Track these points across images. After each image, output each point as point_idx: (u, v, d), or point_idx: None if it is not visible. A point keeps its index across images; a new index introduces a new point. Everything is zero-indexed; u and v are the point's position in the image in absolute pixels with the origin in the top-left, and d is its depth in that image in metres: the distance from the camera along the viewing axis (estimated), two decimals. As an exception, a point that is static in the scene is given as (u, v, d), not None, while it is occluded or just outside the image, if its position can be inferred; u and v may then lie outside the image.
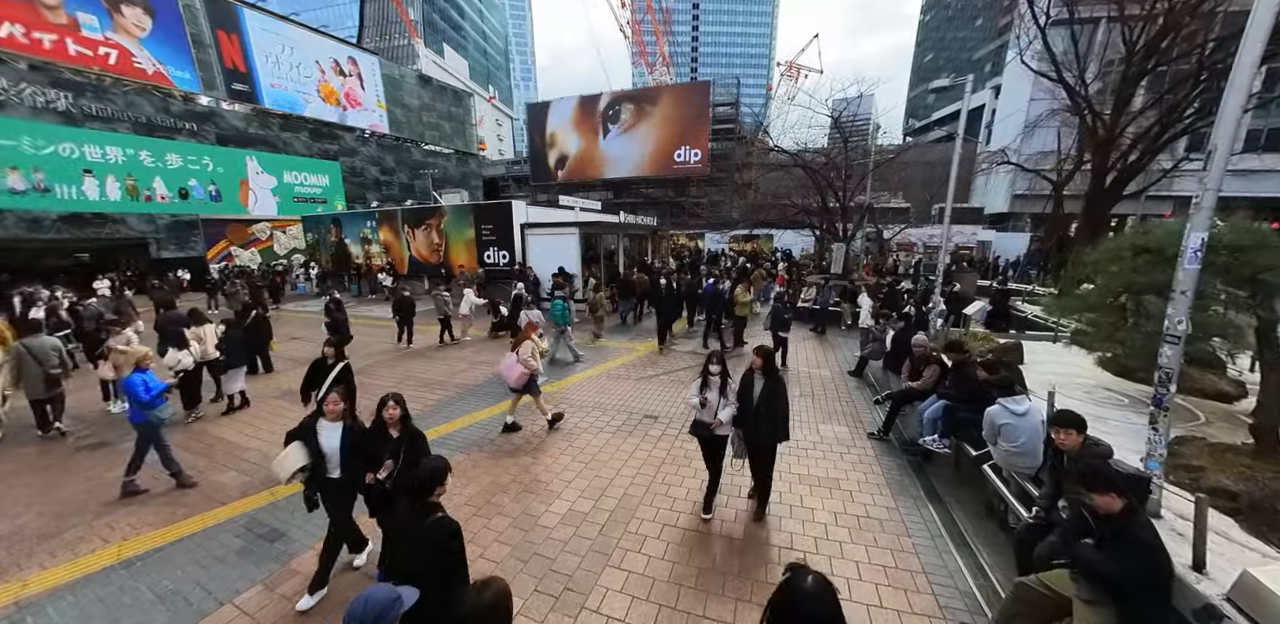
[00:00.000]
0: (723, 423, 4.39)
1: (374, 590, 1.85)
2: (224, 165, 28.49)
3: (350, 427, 3.81)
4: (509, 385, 6.54)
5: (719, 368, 4.54)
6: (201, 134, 27.70)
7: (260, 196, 30.34)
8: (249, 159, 29.60)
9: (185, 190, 26.99)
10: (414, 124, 39.13)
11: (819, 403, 7.69)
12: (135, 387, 5.23)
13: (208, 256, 27.89)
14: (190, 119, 27.24)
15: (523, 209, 18.09)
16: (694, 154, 36.80)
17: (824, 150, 14.62)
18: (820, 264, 20.68)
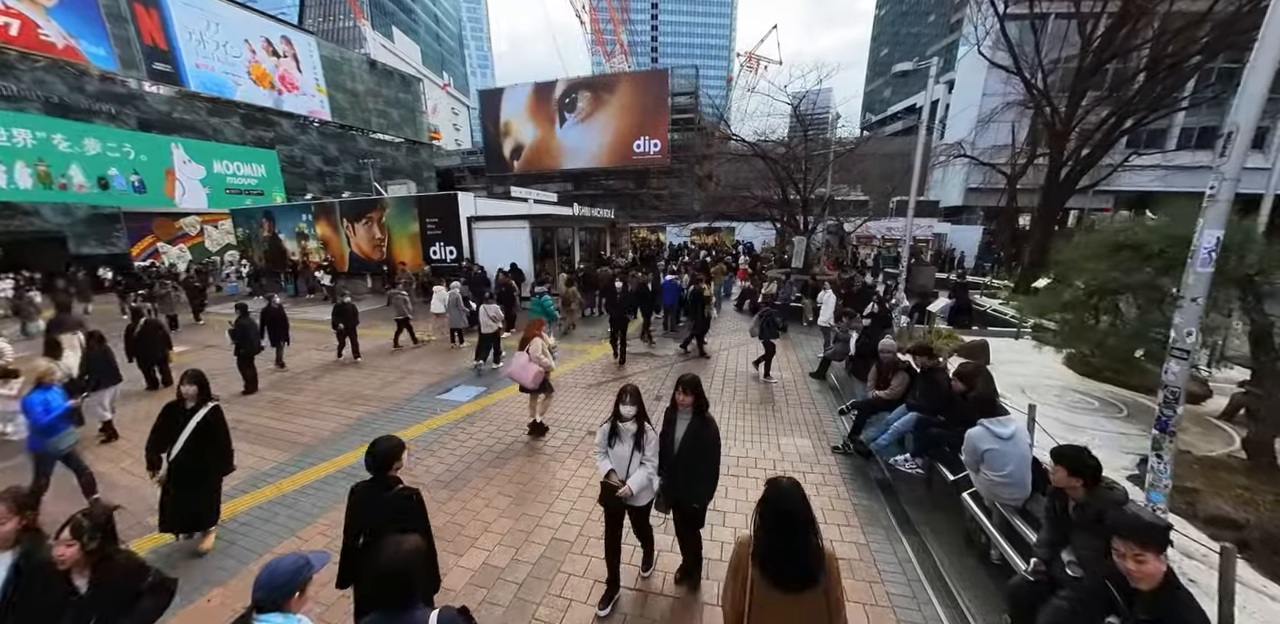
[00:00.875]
0: (633, 493, 3.16)
1: (279, 560, 1.87)
2: (147, 153, 26.12)
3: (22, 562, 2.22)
4: (526, 386, 6.21)
5: (633, 410, 3.27)
6: (122, 118, 25.30)
7: (188, 187, 28.04)
8: (174, 146, 27.25)
9: (105, 180, 24.61)
10: (358, 110, 36.94)
11: (779, 410, 7.12)
12: (34, 407, 4.49)
13: (132, 253, 25.60)
14: (108, 100, 24.81)
15: (470, 201, 17.01)
16: (654, 144, 35.99)
17: (784, 141, 14.09)
18: (781, 258, 20.31)
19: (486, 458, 5.80)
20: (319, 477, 5.68)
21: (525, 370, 6.06)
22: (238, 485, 5.49)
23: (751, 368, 8.97)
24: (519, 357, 6.17)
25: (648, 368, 9.40)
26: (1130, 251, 5.08)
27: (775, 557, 2.03)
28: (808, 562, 2.00)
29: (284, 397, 8.58)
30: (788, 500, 2.05)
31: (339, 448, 6.32)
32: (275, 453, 6.37)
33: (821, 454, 5.75)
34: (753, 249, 28.14)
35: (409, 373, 9.51)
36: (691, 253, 24.54)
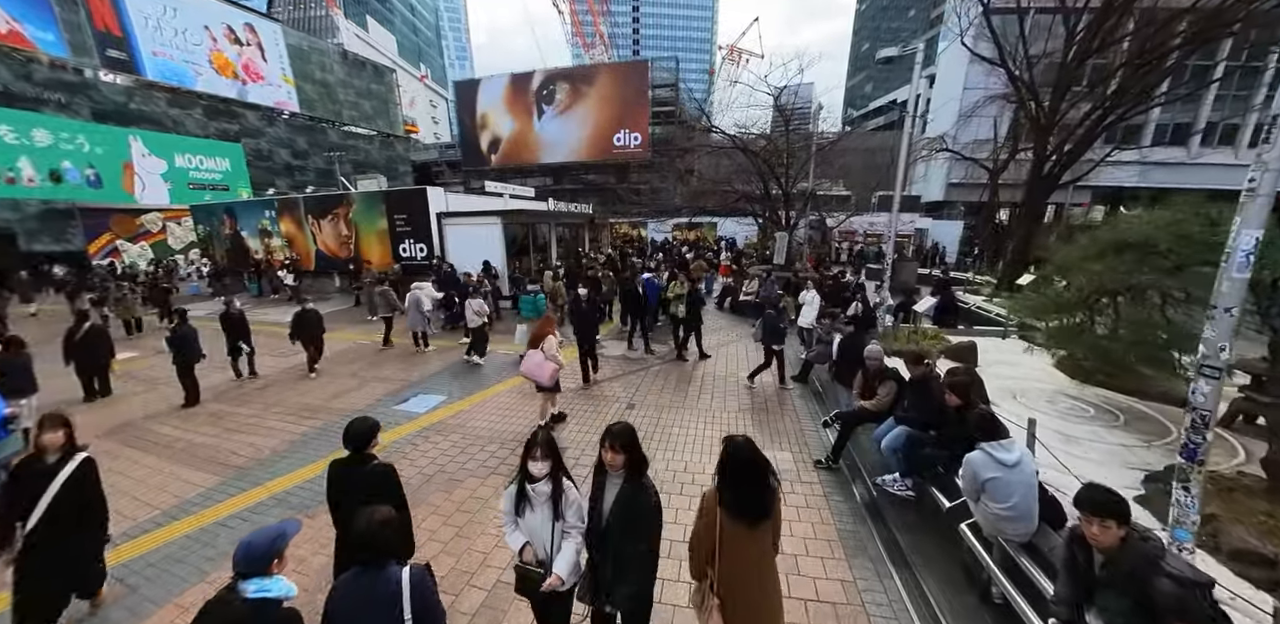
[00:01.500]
0: (563, 582, 2.48)
1: (253, 535, 2.00)
2: (103, 145, 24.79)
3: None
4: (541, 384, 6.15)
5: (546, 467, 2.54)
6: (74, 108, 23.94)
7: (149, 182, 26.75)
8: (132, 139, 25.92)
9: (58, 173, 23.27)
10: (328, 102, 35.65)
11: (759, 419, 6.68)
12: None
13: (89, 251, 24.38)
14: (59, 89, 23.45)
15: (440, 196, 16.28)
16: (634, 138, 35.31)
17: (765, 134, 13.63)
18: (763, 254, 19.91)
19: (436, 481, 5.26)
20: (248, 505, 5.10)
21: (541, 369, 5.97)
22: (154, 517, 4.93)
23: (742, 376, 8.54)
24: (533, 355, 6.04)
25: (624, 371, 8.91)
26: (1133, 250, 4.69)
27: (741, 500, 2.40)
28: (765, 500, 2.41)
29: (227, 409, 7.94)
30: (746, 453, 2.42)
31: (274, 470, 5.74)
32: (204, 476, 5.77)
33: (804, 469, 5.31)
34: (734, 245, 27.73)
35: (366, 381, 8.90)
36: (673, 248, 24.06)
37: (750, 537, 2.40)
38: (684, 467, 5.44)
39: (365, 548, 2.05)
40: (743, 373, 8.67)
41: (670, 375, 8.70)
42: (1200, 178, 32.39)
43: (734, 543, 2.38)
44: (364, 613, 1.98)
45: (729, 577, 2.39)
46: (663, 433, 6.28)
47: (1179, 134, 33.28)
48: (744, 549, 2.40)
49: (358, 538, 2.06)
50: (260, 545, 1.94)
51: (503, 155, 39.19)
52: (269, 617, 1.90)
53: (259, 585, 1.89)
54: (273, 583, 1.92)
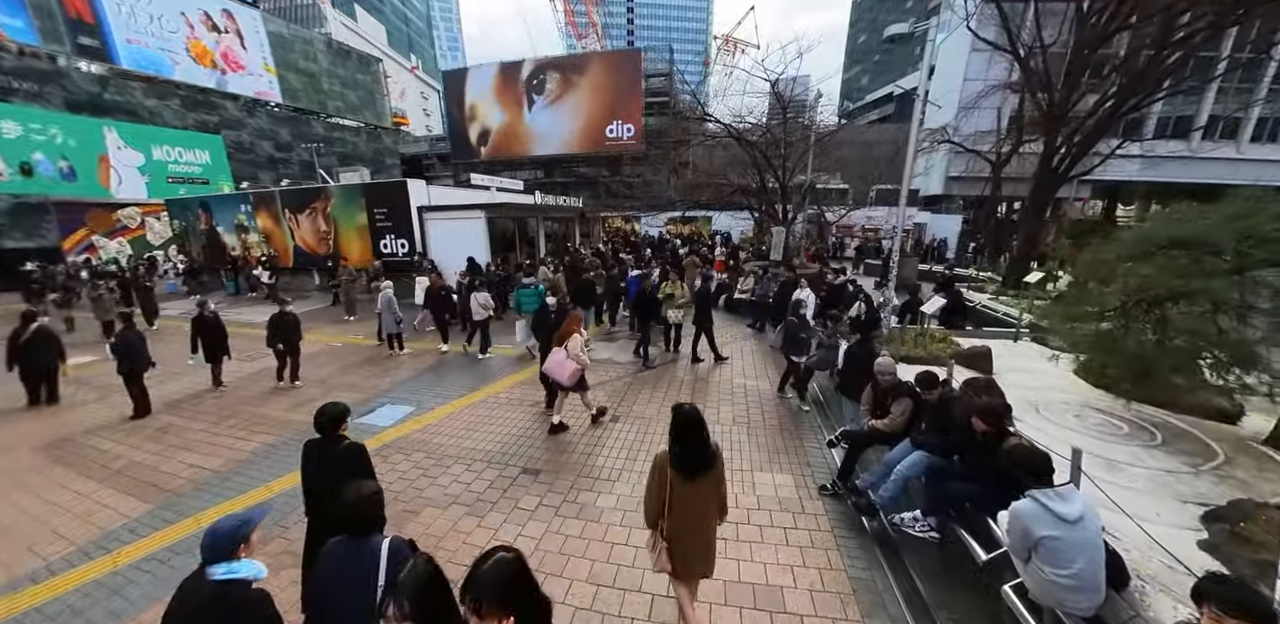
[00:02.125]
0: None
1: (218, 523, 2.05)
2: (77, 137, 23.81)
3: None
4: (562, 384, 5.95)
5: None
6: (45, 98, 22.97)
7: (125, 176, 25.80)
8: (107, 130, 24.94)
9: (28, 166, 22.32)
10: (312, 92, 34.59)
11: (755, 434, 6.06)
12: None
13: (64, 247, 23.48)
14: (28, 78, 22.46)
15: (422, 190, 15.56)
16: (627, 129, 34.43)
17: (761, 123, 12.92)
18: (759, 249, 19.28)
19: (390, 512, 4.61)
20: (175, 539, 4.48)
21: (562, 368, 5.77)
22: (69, 554, 4.31)
23: (739, 381, 7.93)
24: (556, 353, 5.86)
25: (609, 377, 8.27)
26: (1185, 251, 4.06)
27: (686, 454, 2.80)
28: (706, 454, 2.83)
29: (178, 422, 7.29)
30: (691, 416, 2.81)
31: (210, 498, 5.12)
32: (134, 504, 5.15)
33: (806, 497, 4.71)
34: (730, 239, 27.07)
35: (333, 388, 8.25)
36: (667, 243, 23.37)
37: (695, 490, 2.80)
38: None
39: (351, 518, 2.22)
40: (739, 378, 8.07)
41: (660, 381, 8.08)
42: (1202, 172, 31.94)
43: (681, 496, 2.79)
44: (346, 578, 2.13)
45: (676, 524, 2.82)
46: (649, 451, 5.66)
47: (1180, 127, 32.72)
48: (689, 502, 2.81)
49: (346, 509, 2.22)
50: (223, 535, 2.00)
51: (492, 148, 38.25)
52: (237, 597, 1.96)
53: (227, 568, 1.97)
54: (240, 565, 1.99)
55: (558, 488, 4.92)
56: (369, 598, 2.09)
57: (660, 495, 2.84)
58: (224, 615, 1.92)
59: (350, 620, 2.12)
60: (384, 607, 1.95)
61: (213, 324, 8.36)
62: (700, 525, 2.88)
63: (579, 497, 4.75)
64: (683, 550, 2.84)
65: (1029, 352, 8.05)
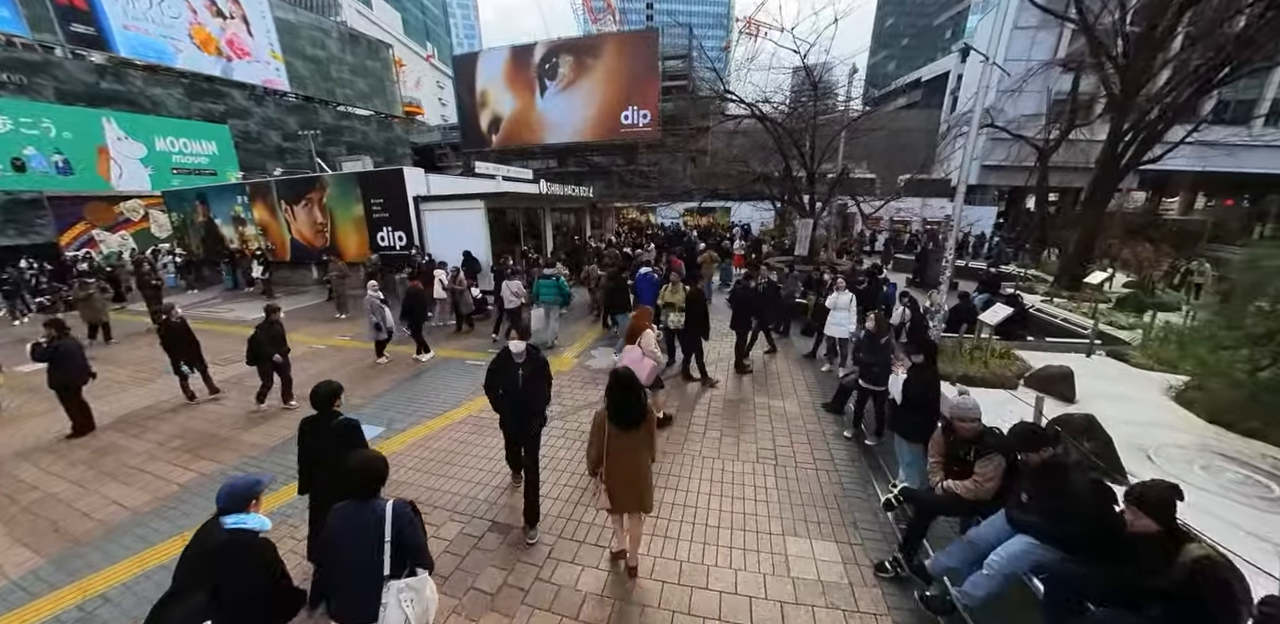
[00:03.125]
0: None
1: (234, 480, 2.45)
2: (72, 129, 23.19)
3: None
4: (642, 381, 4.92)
5: None
6: (35, 89, 22.36)
7: (127, 168, 25.20)
8: (106, 121, 24.30)
9: (20, 161, 21.78)
10: (320, 80, 33.72)
11: (786, 476, 4.90)
12: None
13: (61, 242, 23.02)
14: (17, 69, 21.82)
15: (419, 178, 14.55)
16: (643, 115, 32.91)
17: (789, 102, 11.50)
18: (781, 242, 17.96)
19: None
20: (56, 612, 3.55)
21: (640, 367, 5.09)
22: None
23: (760, 400, 6.79)
24: (630, 351, 5.46)
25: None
26: None
27: (620, 411, 3.33)
28: (639, 409, 3.36)
29: (120, 442, 6.45)
30: (626, 379, 3.37)
31: (116, 550, 4.23)
32: (23, 556, 4.28)
33: (859, 580, 3.54)
34: (750, 232, 25.70)
35: (304, 399, 7.27)
36: (684, 235, 22.09)
37: (628, 440, 3.35)
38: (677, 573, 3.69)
39: (354, 484, 2.44)
40: (762, 397, 6.90)
41: (667, 402, 6.95)
42: (1259, 161, 29.48)
43: (616, 445, 3.35)
44: (355, 534, 2.35)
45: (613, 469, 3.37)
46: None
47: (1240, 112, 30.14)
48: (623, 450, 3.36)
49: (349, 476, 2.46)
50: (240, 488, 2.39)
51: (504, 136, 37.07)
52: (244, 542, 2.31)
53: (237, 519, 2.33)
54: (249, 517, 2.35)
55: (532, 556, 3.84)
56: (377, 554, 2.31)
57: (599, 446, 3.38)
58: (233, 556, 2.25)
59: (359, 574, 2.31)
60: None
61: (179, 331, 7.41)
62: (633, 469, 3.38)
63: (556, 572, 3.68)
64: (619, 490, 3.37)
65: (1108, 370, 6.74)
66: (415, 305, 8.51)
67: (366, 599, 2.28)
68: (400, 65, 47.63)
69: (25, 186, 21.89)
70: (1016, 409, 5.07)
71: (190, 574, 2.27)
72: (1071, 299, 11.24)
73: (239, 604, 2.22)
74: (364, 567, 2.31)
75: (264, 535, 2.39)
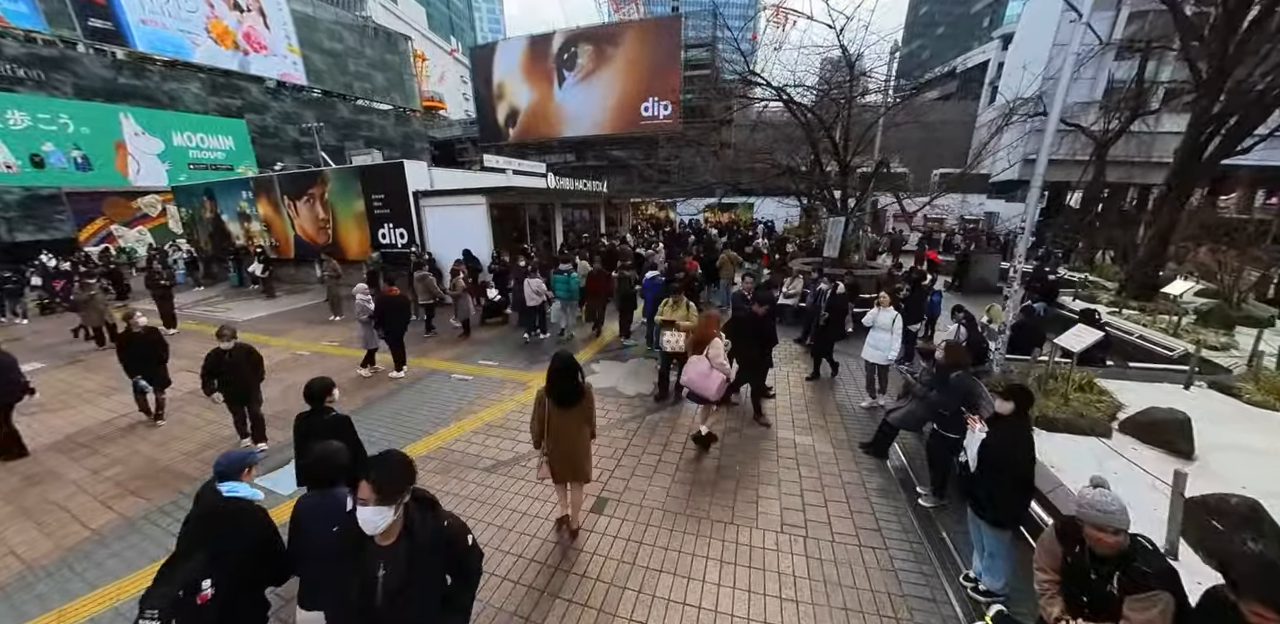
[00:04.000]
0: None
1: (230, 452, 2.66)
2: (91, 125, 23.15)
3: None
4: (708, 397, 5.06)
5: None
6: (54, 85, 22.29)
7: (144, 163, 25.14)
8: (124, 117, 24.23)
9: (39, 157, 21.77)
10: (338, 74, 33.37)
11: (817, 558, 3.75)
12: None
13: (80, 238, 23.03)
14: (35, 65, 21.74)
15: (421, 172, 13.74)
16: (664, 107, 31.64)
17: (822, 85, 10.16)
18: (808, 242, 16.70)
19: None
20: None
21: (709, 380, 4.96)
22: None
23: (787, 436, 5.72)
24: (697, 363, 5.04)
25: (604, 421, 6.15)
26: None
27: (559, 391, 3.65)
28: (576, 390, 3.67)
29: (58, 468, 5.75)
30: (567, 363, 3.65)
31: None
32: None
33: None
34: (773, 230, 24.34)
35: (268, 420, 6.45)
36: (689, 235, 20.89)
37: (567, 416, 3.68)
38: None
39: (312, 476, 2.64)
40: (786, 430, 5.82)
41: (674, 432, 5.91)
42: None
43: (556, 422, 3.68)
44: (317, 525, 2.42)
45: (553, 443, 3.71)
46: (644, 590, 3.52)
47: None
48: (563, 426, 3.69)
49: (307, 468, 2.71)
50: (235, 458, 2.56)
51: (521, 129, 36.21)
52: (240, 508, 2.47)
53: (230, 486, 2.49)
54: (240, 486, 2.51)
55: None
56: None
57: (541, 421, 3.72)
58: (229, 518, 2.44)
59: (326, 561, 2.19)
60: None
61: (144, 341, 6.53)
62: (572, 443, 3.75)
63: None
64: (559, 461, 3.74)
65: (1219, 408, 5.46)
66: (390, 312, 7.59)
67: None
68: (423, 60, 47.19)
69: (44, 182, 21.91)
70: (1119, 468, 3.91)
71: (191, 536, 2.42)
72: (1143, 311, 9.81)
73: (236, 566, 2.32)
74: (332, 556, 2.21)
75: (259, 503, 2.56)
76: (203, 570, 2.18)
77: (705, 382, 4.96)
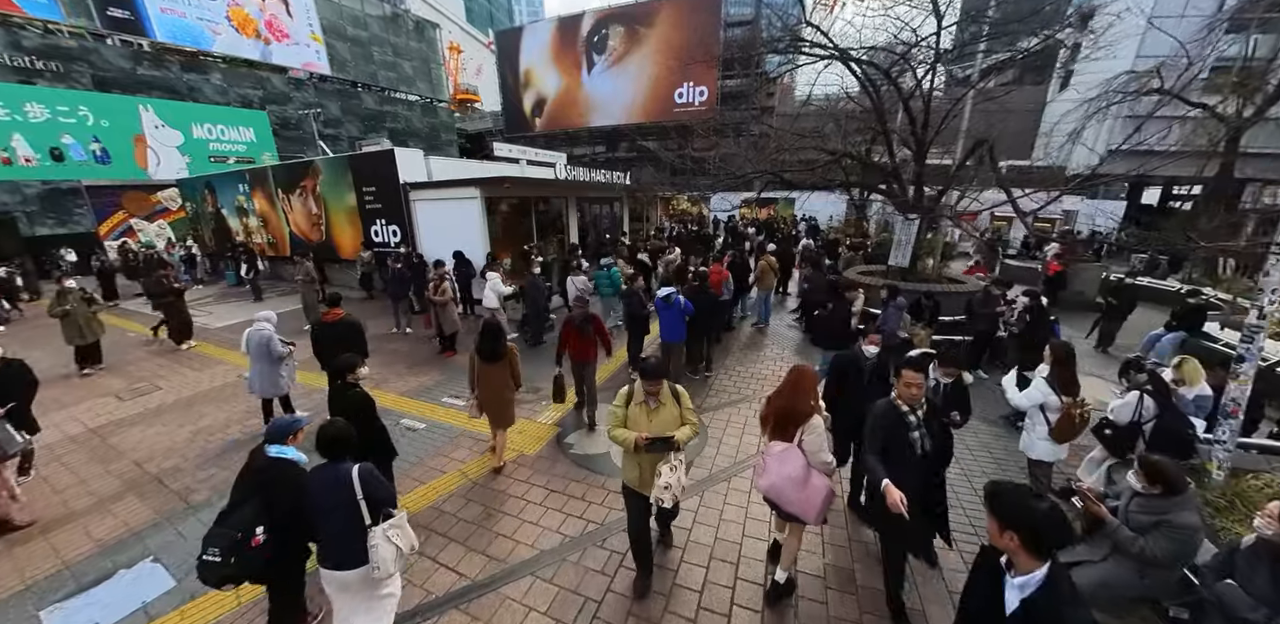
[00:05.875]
0: None
1: (280, 418, 3.09)
2: (110, 117, 22.52)
3: None
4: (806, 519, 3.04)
5: None
6: (73, 77, 21.73)
7: (164, 156, 24.49)
8: (143, 108, 23.56)
9: (59, 150, 21.29)
10: (362, 63, 32.20)
11: None
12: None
13: (100, 233, 22.57)
14: (54, 57, 21.16)
15: (416, 162, 12.05)
16: (699, 92, 29.19)
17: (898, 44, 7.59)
18: (862, 244, 14.30)
19: None
20: None
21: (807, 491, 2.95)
22: None
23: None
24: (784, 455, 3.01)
25: (597, 498, 4.20)
26: None
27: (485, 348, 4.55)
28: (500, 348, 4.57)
29: None
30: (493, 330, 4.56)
31: None
32: None
33: None
34: (818, 229, 21.81)
35: (102, 503, 4.78)
36: (733, 234, 18.58)
37: (493, 370, 4.59)
38: None
39: (327, 445, 2.75)
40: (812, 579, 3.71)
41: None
42: None
43: (484, 373, 4.60)
44: (331, 494, 2.65)
45: (483, 391, 4.67)
46: None
47: None
48: (490, 377, 4.61)
49: (322, 437, 2.76)
50: (282, 424, 2.94)
51: (548, 119, 34.38)
52: (283, 466, 2.81)
53: (277, 449, 2.85)
54: (287, 449, 2.88)
55: None
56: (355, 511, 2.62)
57: (472, 372, 4.70)
58: (275, 476, 2.76)
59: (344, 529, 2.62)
60: None
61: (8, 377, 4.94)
62: (495, 391, 4.67)
63: None
64: (486, 404, 4.71)
65: None
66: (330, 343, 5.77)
67: (353, 547, 2.61)
68: (459, 52, 45.95)
69: (64, 176, 21.45)
70: None
71: (244, 489, 2.77)
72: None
73: (283, 515, 2.67)
74: (346, 521, 2.62)
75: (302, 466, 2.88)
76: (254, 518, 2.59)
77: (801, 493, 2.97)
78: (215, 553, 2.43)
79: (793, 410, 3.08)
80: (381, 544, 2.57)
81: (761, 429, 3.35)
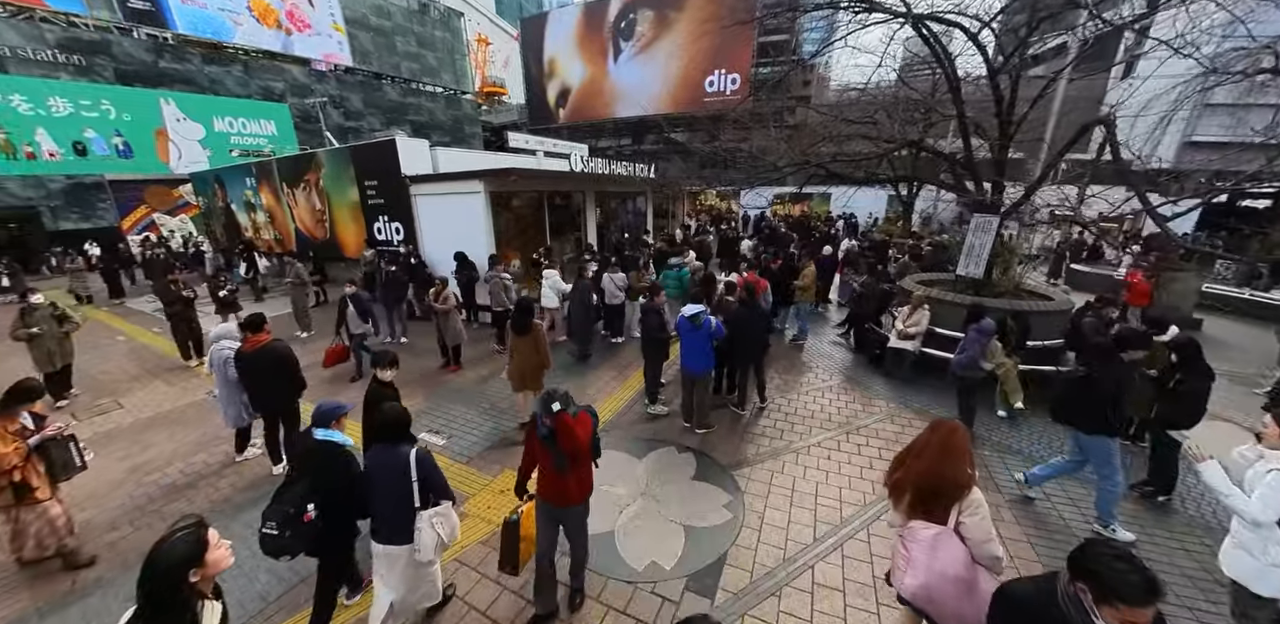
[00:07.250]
0: None
1: (324, 401, 3.04)
2: (131, 111, 22.33)
3: None
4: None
5: None
6: (95, 70, 21.53)
7: (185, 150, 24.28)
8: (165, 102, 23.33)
9: (82, 144, 21.17)
10: (385, 54, 31.56)
11: None
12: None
13: (123, 227, 22.43)
14: (76, 50, 20.97)
15: (420, 153, 11.02)
16: (731, 80, 27.57)
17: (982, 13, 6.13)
18: (916, 248, 12.76)
19: None
20: None
21: (975, 598, 2.09)
22: None
23: None
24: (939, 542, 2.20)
25: None
26: None
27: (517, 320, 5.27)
28: (526, 323, 5.23)
29: None
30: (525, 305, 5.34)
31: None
32: None
33: None
34: (857, 227, 20.14)
35: (32, 569, 3.83)
36: (765, 233, 17.11)
37: (523, 342, 5.27)
38: None
39: (385, 430, 2.91)
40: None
41: None
42: None
43: (516, 344, 5.33)
44: (388, 473, 2.80)
45: (515, 355, 5.37)
46: None
47: None
48: (521, 348, 5.30)
49: (384, 419, 2.91)
50: (326, 410, 2.95)
51: (572, 109, 33.19)
52: (327, 449, 2.89)
53: (324, 432, 2.92)
54: (333, 433, 2.93)
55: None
56: (408, 491, 2.76)
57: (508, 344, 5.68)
58: (323, 457, 2.86)
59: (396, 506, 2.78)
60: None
61: None
62: (525, 359, 5.30)
63: None
64: (516, 374, 5.38)
65: None
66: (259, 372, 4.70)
67: (403, 525, 2.76)
68: (487, 44, 45.11)
69: (87, 170, 21.32)
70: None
71: (296, 468, 2.96)
72: None
73: (330, 494, 2.75)
74: (399, 500, 2.76)
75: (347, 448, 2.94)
76: (305, 496, 2.66)
77: (968, 603, 2.12)
78: (273, 526, 2.56)
79: (941, 479, 2.27)
80: (425, 528, 2.74)
81: (893, 503, 2.46)
